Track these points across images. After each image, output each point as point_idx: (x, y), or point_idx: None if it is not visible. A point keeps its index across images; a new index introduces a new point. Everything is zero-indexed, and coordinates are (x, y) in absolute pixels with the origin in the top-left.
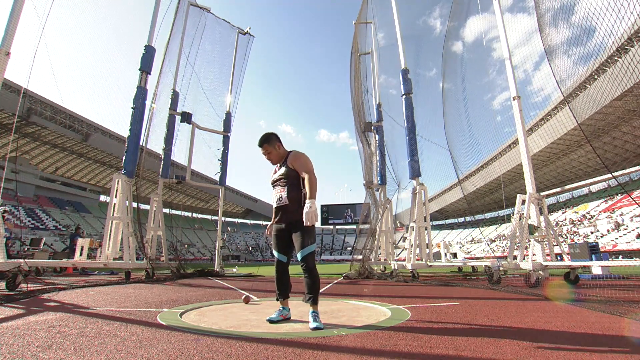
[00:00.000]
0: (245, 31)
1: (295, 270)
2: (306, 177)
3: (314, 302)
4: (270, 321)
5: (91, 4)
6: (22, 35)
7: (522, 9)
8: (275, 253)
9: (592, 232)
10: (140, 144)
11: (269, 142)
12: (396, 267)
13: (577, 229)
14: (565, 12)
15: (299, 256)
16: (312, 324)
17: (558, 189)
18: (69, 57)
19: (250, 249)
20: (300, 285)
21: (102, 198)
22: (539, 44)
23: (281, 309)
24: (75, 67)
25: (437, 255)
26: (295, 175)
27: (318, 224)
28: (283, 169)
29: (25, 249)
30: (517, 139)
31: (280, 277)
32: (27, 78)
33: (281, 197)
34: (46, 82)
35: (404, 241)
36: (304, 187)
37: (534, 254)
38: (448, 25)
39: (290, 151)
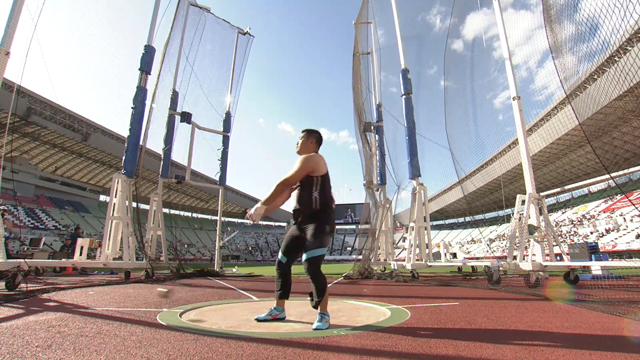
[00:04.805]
0: (245, 31)
1: (293, 270)
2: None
3: (317, 307)
4: (258, 320)
5: (91, 4)
6: (19, 34)
7: (525, 6)
8: (280, 253)
9: (591, 232)
10: (140, 143)
11: (308, 133)
12: (396, 267)
13: (577, 229)
14: (570, 8)
15: (302, 258)
16: (315, 324)
17: (558, 189)
18: (69, 57)
19: (250, 249)
20: (301, 286)
21: (102, 198)
22: (543, 41)
23: (273, 308)
24: (75, 67)
25: (437, 255)
26: (306, 179)
27: None
28: None
29: (25, 248)
30: (517, 139)
31: (279, 277)
32: (20, 76)
33: (295, 200)
34: (46, 82)
35: (404, 241)
36: (316, 189)
37: (533, 254)
38: (449, 22)
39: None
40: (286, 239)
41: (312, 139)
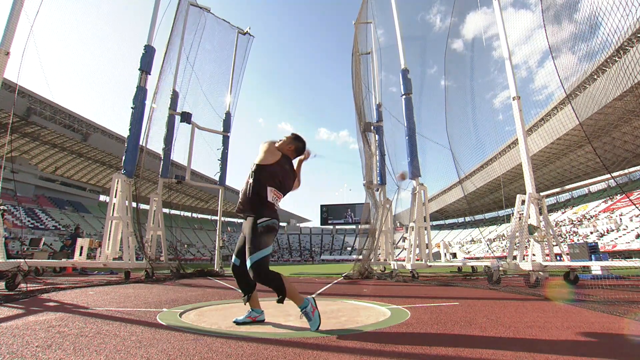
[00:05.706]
0: (245, 31)
1: (293, 270)
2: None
3: (281, 301)
4: (237, 323)
5: (92, 4)
6: (18, 34)
7: (525, 5)
8: (233, 255)
9: (591, 232)
10: (140, 143)
11: (294, 139)
12: (396, 267)
13: (577, 229)
14: (569, 8)
15: (247, 264)
16: (310, 325)
17: (558, 189)
18: (69, 57)
19: None
20: (301, 287)
21: (102, 198)
22: (543, 41)
23: (251, 310)
24: (75, 67)
25: (437, 255)
26: (257, 177)
27: (317, 224)
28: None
29: (25, 248)
30: (517, 138)
31: (238, 280)
32: (17, 76)
33: (242, 191)
34: (44, 82)
35: (404, 241)
36: (251, 176)
37: (533, 254)
38: (449, 22)
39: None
40: (239, 240)
41: (293, 146)
